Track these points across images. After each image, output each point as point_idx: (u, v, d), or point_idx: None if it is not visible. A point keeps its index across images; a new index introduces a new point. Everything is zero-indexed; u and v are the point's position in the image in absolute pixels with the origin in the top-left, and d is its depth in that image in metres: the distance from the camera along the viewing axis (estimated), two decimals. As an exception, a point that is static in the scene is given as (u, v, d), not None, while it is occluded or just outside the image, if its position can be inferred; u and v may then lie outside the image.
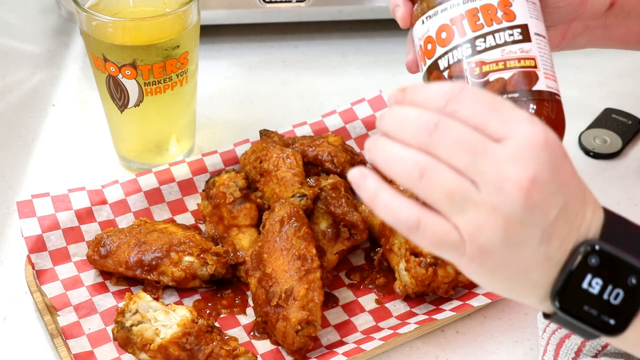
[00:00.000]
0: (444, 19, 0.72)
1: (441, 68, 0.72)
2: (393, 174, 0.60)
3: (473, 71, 0.70)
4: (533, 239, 0.58)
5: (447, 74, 0.71)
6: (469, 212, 0.58)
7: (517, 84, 0.70)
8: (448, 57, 0.72)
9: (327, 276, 0.90)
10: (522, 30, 0.71)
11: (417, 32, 0.75)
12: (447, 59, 0.72)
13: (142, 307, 0.82)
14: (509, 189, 0.57)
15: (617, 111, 1.14)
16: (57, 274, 0.92)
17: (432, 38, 0.73)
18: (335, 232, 0.92)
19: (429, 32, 0.73)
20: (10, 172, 1.08)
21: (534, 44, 0.71)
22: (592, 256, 0.59)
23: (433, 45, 0.73)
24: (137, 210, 0.98)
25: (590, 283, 0.59)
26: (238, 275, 0.92)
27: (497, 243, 0.58)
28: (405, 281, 0.87)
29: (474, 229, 0.58)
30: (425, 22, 0.74)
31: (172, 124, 1.05)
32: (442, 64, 0.72)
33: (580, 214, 0.60)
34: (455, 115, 0.58)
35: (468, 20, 0.71)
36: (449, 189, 0.58)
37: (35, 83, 1.23)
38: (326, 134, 1.05)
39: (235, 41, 1.30)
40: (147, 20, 0.96)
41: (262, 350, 0.86)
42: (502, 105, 0.59)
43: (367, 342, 0.83)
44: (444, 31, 0.72)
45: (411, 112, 0.59)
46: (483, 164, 0.57)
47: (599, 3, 0.83)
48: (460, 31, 0.71)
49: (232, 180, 0.95)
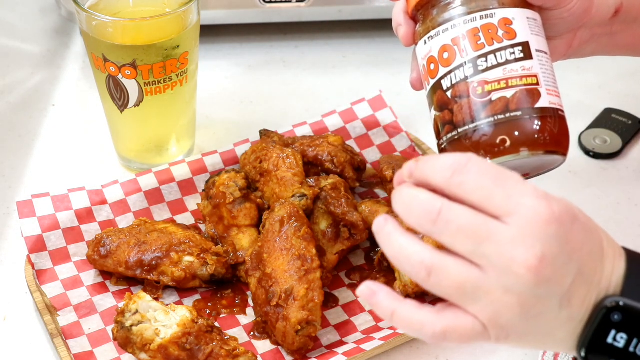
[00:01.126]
0: (445, 39, 0.72)
1: (444, 88, 0.72)
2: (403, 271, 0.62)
3: (476, 91, 0.71)
4: (552, 307, 0.59)
5: (451, 94, 0.72)
6: (482, 299, 0.58)
7: (519, 102, 0.70)
8: (451, 77, 0.72)
9: (327, 276, 0.90)
10: (523, 48, 0.72)
11: (420, 51, 0.75)
12: (450, 79, 0.72)
13: (142, 307, 0.82)
14: (518, 271, 0.57)
15: (617, 111, 1.14)
16: (57, 274, 0.92)
17: (434, 58, 0.73)
18: (335, 232, 0.92)
19: (431, 52, 0.73)
20: (10, 172, 1.08)
21: (536, 61, 0.72)
22: (614, 313, 0.59)
23: (436, 65, 0.73)
24: (137, 210, 0.98)
25: (615, 338, 0.59)
26: (238, 275, 0.92)
27: (517, 320, 0.59)
28: (405, 281, 0.87)
29: (491, 315, 0.59)
30: (427, 42, 0.74)
31: (172, 124, 1.05)
32: (445, 84, 0.72)
33: (598, 269, 0.60)
34: (460, 188, 0.59)
35: (469, 40, 0.71)
36: (458, 283, 0.58)
37: (35, 83, 1.23)
38: (326, 134, 1.05)
39: (235, 41, 1.30)
40: (147, 20, 0.96)
41: (262, 350, 0.86)
42: (506, 178, 0.59)
43: (367, 342, 0.83)
44: (446, 51, 0.72)
45: (417, 196, 0.60)
46: (488, 248, 0.57)
47: (604, 11, 0.83)
48: (462, 51, 0.72)
49: (232, 180, 0.95)
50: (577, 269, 0.58)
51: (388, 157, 1.02)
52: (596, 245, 0.60)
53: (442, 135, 0.73)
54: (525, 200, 0.58)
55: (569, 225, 0.58)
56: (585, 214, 0.60)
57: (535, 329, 0.60)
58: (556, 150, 0.71)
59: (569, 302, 0.59)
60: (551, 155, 0.71)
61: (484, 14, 0.72)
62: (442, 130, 0.73)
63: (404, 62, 1.26)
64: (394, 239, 0.60)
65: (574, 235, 0.58)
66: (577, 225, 0.59)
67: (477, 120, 0.70)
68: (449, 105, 0.72)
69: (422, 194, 0.60)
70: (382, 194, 1.03)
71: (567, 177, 1.05)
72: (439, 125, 0.73)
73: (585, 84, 1.23)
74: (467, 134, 0.71)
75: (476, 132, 0.70)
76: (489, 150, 0.70)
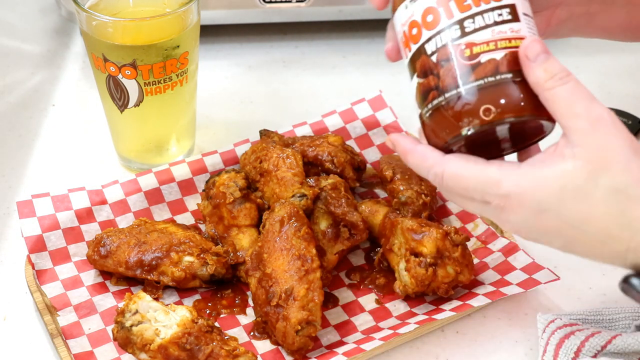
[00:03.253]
0: (429, 2, 0.70)
1: (429, 52, 0.69)
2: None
3: (463, 53, 0.68)
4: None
5: (436, 58, 0.69)
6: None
7: (509, 64, 0.68)
8: (436, 40, 0.69)
9: (327, 276, 0.90)
10: (510, 10, 0.70)
11: (400, 17, 0.73)
12: (434, 43, 0.69)
13: (142, 307, 0.82)
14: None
15: (617, 111, 1.14)
16: (57, 274, 0.92)
17: (417, 22, 0.70)
18: (335, 232, 0.92)
19: (413, 16, 0.70)
20: (10, 172, 1.08)
21: (523, 23, 0.70)
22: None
23: (419, 29, 0.70)
24: (137, 210, 0.98)
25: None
26: (238, 275, 0.92)
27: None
28: (405, 281, 0.87)
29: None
30: (409, 6, 0.71)
31: (172, 124, 1.05)
32: (429, 47, 0.69)
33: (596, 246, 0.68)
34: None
35: (455, 1, 0.69)
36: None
37: (35, 83, 1.23)
38: (326, 134, 1.05)
39: (235, 41, 1.30)
40: (147, 20, 0.96)
41: (262, 350, 0.86)
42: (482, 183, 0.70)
43: (367, 342, 0.83)
44: (430, 14, 0.69)
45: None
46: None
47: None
48: (448, 13, 0.69)
49: (232, 180, 0.95)
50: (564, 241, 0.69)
51: (388, 157, 1.02)
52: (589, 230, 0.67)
53: (427, 102, 0.70)
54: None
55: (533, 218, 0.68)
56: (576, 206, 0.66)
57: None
58: (548, 115, 0.69)
59: (573, 250, 0.69)
60: (542, 120, 0.69)
61: None
62: (426, 98, 0.70)
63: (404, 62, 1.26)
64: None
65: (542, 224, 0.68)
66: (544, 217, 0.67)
67: (466, 83, 0.68)
68: (435, 70, 0.69)
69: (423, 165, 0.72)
70: (382, 194, 1.03)
71: (567, 177, 1.05)
72: (422, 93, 0.71)
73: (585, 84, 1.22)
74: (455, 98, 0.68)
75: (465, 95, 0.68)
76: (481, 113, 0.67)
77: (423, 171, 0.72)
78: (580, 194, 0.65)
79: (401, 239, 0.88)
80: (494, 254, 0.93)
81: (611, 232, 0.66)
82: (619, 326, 0.84)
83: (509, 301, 0.90)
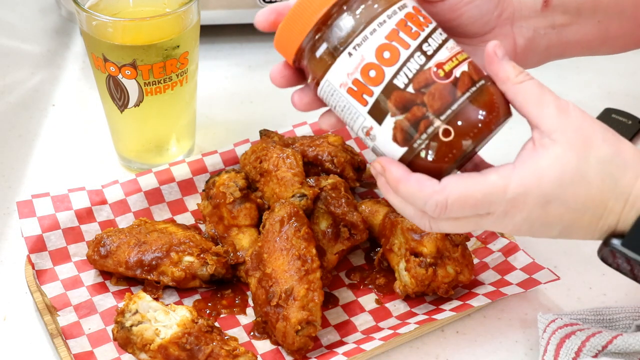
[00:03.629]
0: (379, 39, 0.68)
1: (401, 86, 0.68)
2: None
3: (438, 74, 0.68)
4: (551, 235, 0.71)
5: (413, 88, 0.68)
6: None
7: (476, 72, 0.69)
8: (404, 72, 0.68)
9: (327, 276, 0.90)
10: (441, 29, 0.71)
11: (343, 69, 0.69)
12: (404, 75, 0.68)
13: (142, 307, 0.82)
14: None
15: (617, 111, 1.14)
16: (57, 274, 0.92)
17: (373, 64, 0.68)
18: (335, 232, 0.92)
19: (365, 60, 0.68)
20: (10, 172, 1.08)
21: (449, 36, 0.71)
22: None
23: (377, 69, 0.68)
24: (137, 210, 0.98)
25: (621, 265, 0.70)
26: (238, 275, 0.92)
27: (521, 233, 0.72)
28: (405, 281, 0.87)
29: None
30: (353, 53, 0.68)
31: (172, 124, 1.05)
32: (400, 81, 0.68)
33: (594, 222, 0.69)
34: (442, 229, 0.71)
35: (404, 32, 0.68)
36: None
37: (35, 83, 1.23)
38: (326, 134, 1.05)
39: (235, 41, 1.30)
40: (147, 20, 0.96)
41: (262, 350, 0.86)
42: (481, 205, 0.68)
43: (367, 342, 0.83)
44: (386, 50, 0.68)
45: (404, 211, 0.72)
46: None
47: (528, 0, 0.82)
48: (403, 44, 0.68)
49: (232, 180, 0.95)
50: (562, 227, 0.69)
51: (388, 157, 1.02)
52: (588, 210, 0.68)
53: (420, 133, 0.68)
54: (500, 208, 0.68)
55: (539, 210, 0.68)
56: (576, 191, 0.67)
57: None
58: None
59: (569, 234, 0.70)
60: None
61: (400, 4, 0.69)
62: (416, 130, 0.68)
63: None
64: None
65: (549, 214, 0.68)
66: (550, 207, 0.68)
67: (456, 100, 0.67)
68: (417, 100, 0.67)
69: (408, 209, 0.71)
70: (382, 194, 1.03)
71: (567, 177, 1.05)
72: (409, 127, 0.68)
73: (585, 84, 1.23)
74: (453, 117, 0.67)
75: (462, 111, 0.67)
76: (480, 122, 0.68)
77: (419, 202, 0.68)
78: (577, 175, 0.67)
79: (401, 239, 0.88)
80: (494, 254, 0.93)
81: (608, 205, 0.68)
82: (619, 326, 0.84)
83: (509, 301, 0.90)
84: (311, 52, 0.71)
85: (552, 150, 0.67)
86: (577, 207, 0.67)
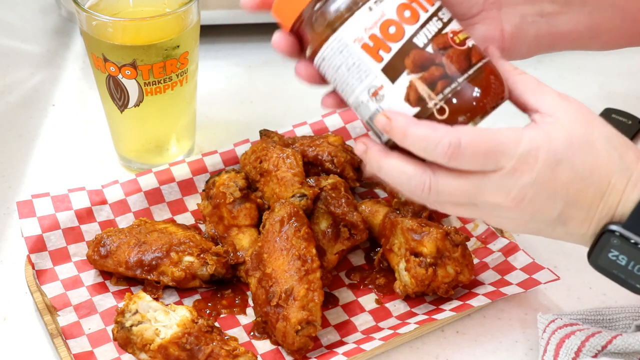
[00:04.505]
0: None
1: (421, 45, 0.68)
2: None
3: (454, 40, 0.69)
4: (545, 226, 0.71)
5: (432, 48, 0.68)
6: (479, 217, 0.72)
7: (480, 48, 0.71)
8: (424, 32, 0.69)
9: (327, 276, 0.90)
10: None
11: (360, 23, 0.69)
12: (424, 35, 0.69)
13: (142, 307, 0.82)
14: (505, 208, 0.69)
15: (617, 111, 1.14)
16: (57, 274, 0.92)
17: (393, 20, 0.68)
18: (335, 232, 0.92)
19: (385, 16, 0.69)
20: (10, 172, 1.08)
21: None
22: (613, 238, 0.69)
23: (397, 26, 0.69)
24: (137, 210, 0.98)
25: (617, 257, 0.70)
26: (238, 275, 0.92)
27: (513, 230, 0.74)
28: (405, 281, 0.87)
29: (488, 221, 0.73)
30: (373, 8, 0.69)
31: (172, 124, 1.05)
32: (420, 40, 0.68)
33: (597, 200, 0.69)
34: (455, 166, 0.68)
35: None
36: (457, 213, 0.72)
37: (35, 83, 1.23)
38: (326, 134, 1.05)
39: (235, 41, 1.30)
40: (147, 20, 0.96)
41: (262, 350, 0.86)
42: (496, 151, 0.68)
43: (367, 342, 0.83)
44: (406, 9, 0.69)
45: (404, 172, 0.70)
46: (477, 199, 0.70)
47: None
48: (422, 7, 0.69)
49: (232, 180, 0.95)
50: (565, 202, 0.68)
51: (388, 157, 1.02)
52: (593, 181, 0.68)
53: (437, 92, 0.68)
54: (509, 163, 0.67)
55: (548, 173, 0.67)
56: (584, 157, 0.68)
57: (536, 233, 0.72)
58: None
59: (564, 224, 0.70)
60: None
61: None
62: (433, 89, 0.68)
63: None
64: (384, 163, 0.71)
65: (557, 178, 0.68)
66: (559, 169, 0.67)
67: (472, 65, 0.69)
68: (436, 60, 0.68)
69: (408, 167, 0.69)
70: (382, 194, 1.03)
71: (567, 177, 1.05)
72: (426, 86, 0.68)
73: (585, 84, 1.23)
74: (469, 80, 0.69)
75: (476, 74, 0.69)
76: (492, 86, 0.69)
77: (430, 145, 0.66)
78: (585, 143, 0.68)
79: (401, 239, 0.89)
80: (494, 254, 0.93)
81: (611, 181, 0.69)
82: (619, 326, 0.84)
83: (509, 301, 0.90)
84: (324, 6, 0.70)
85: (558, 121, 0.68)
86: (584, 174, 0.68)
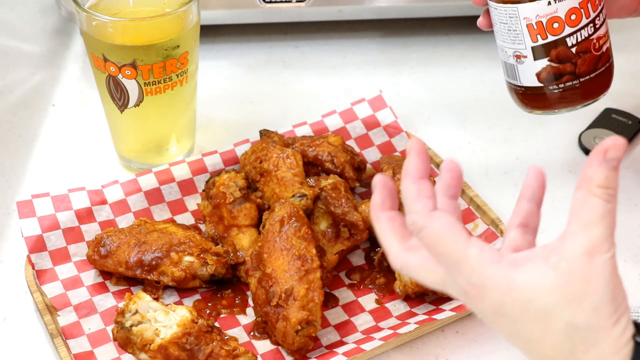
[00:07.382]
0: (574, 3, 0.84)
1: (569, 44, 0.85)
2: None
3: (595, 46, 0.86)
4: None
5: (576, 50, 0.86)
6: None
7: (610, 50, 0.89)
8: (577, 35, 0.85)
9: (327, 276, 0.90)
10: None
11: (537, 9, 0.85)
12: (576, 38, 0.85)
13: (142, 307, 0.82)
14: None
15: (617, 111, 1.14)
16: (57, 274, 0.92)
17: (559, 18, 0.85)
18: (335, 232, 0.92)
19: (556, 13, 0.85)
20: (10, 172, 1.08)
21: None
22: None
23: (561, 24, 0.85)
24: (137, 210, 0.98)
25: None
26: (238, 275, 0.92)
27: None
28: (405, 281, 0.87)
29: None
30: (552, 3, 0.84)
31: (172, 124, 1.05)
32: (570, 41, 0.86)
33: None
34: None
35: (591, 3, 0.85)
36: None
37: (35, 83, 1.23)
38: (326, 134, 1.05)
39: (235, 41, 1.30)
40: (147, 20, 0.96)
41: (262, 350, 0.86)
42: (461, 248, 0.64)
43: (367, 342, 0.83)
44: (574, 13, 0.85)
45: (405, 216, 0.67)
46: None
47: None
48: (587, 12, 0.85)
49: (232, 180, 0.95)
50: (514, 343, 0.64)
51: (388, 157, 1.02)
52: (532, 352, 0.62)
53: (559, 82, 0.87)
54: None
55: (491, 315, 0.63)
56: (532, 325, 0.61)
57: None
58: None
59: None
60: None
61: None
62: (558, 79, 0.87)
63: (404, 62, 1.26)
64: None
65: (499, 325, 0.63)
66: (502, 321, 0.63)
67: (596, 69, 0.87)
68: (573, 59, 0.86)
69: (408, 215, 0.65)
70: (382, 194, 1.03)
71: (566, 177, 1.05)
72: (554, 74, 0.87)
73: (585, 84, 1.22)
74: (587, 82, 0.87)
75: (594, 79, 0.87)
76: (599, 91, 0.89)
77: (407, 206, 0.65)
78: (541, 315, 0.60)
79: (401, 239, 0.88)
80: (494, 254, 0.93)
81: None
82: (619, 326, 0.83)
83: (509, 301, 0.90)
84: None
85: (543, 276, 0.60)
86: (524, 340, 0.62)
